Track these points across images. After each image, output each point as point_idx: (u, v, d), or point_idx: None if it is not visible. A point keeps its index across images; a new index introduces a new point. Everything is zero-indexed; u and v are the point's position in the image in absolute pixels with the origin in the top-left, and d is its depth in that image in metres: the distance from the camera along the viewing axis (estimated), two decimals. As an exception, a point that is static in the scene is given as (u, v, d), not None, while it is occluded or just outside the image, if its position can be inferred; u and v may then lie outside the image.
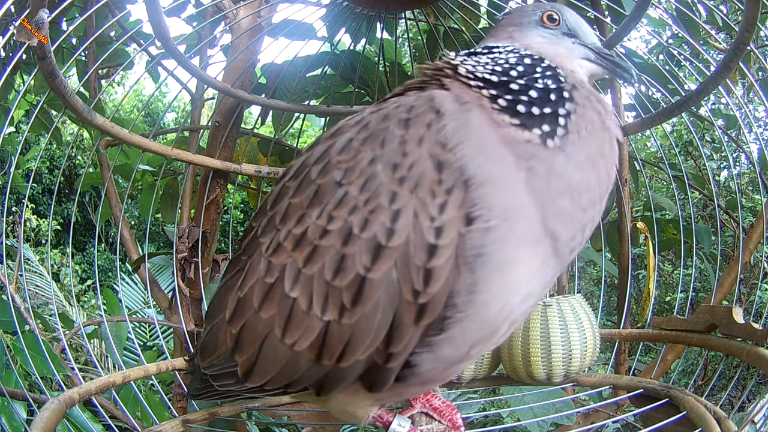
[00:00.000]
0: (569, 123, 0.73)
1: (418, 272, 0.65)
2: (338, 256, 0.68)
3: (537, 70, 0.77)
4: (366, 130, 0.72)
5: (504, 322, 0.71)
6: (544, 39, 0.84)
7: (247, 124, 2.90)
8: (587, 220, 0.73)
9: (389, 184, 0.67)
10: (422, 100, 0.73)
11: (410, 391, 0.79)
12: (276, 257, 0.73)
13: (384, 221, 0.66)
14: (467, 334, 0.69)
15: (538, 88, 0.75)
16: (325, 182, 0.71)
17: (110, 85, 4.95)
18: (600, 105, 0.77)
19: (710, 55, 1.87)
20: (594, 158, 0.74)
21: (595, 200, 0.74)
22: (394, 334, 0.67)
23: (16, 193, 4.88)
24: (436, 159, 0.67)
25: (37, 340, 1.30)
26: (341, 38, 1.88)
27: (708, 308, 1.26)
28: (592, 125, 0.74)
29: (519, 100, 0.73)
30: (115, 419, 1.62)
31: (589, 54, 0.84)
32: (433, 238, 0.65)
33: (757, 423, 0.94)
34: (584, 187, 0.72)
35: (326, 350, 0.70)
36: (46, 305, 3.84)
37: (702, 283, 4.07)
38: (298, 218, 0.72)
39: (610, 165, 0.76)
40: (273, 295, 0.73)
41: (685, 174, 1.89)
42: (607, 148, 0.75)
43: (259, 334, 0.74)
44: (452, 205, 0.65)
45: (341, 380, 0.72)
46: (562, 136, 0.72)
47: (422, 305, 0.66)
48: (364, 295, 0.66)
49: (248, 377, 0.76)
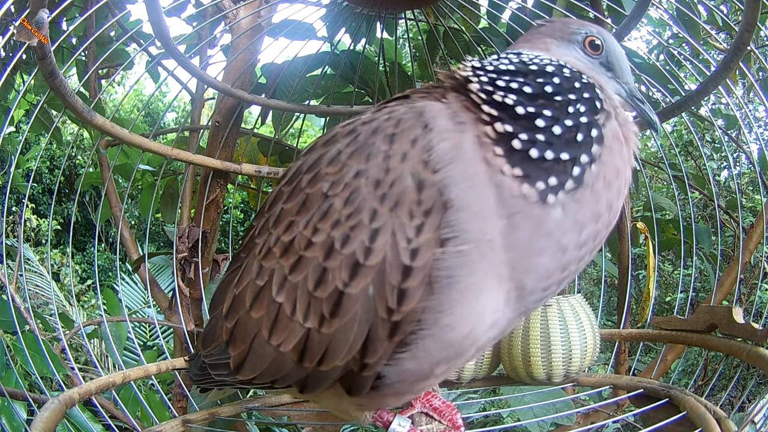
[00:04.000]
0: (586, 174, 0.66)
1: (393, 291, 0.66)
2: (320, 268, 0.69)
3: (575, 85, 0.70)
4: (355, 143, 0.71)
5: (470, 347, 0.72)
6: (581, 64, 0.77)
7: (247, 124, 2.90)
8: (567, 274, 0.70)
9: (371, 201, 0.67)
10: (412, 113, 0.70)
11: (387, 400, 0.80)
12: (266, 261, 0.76)
13: (363, 239, 0.67)
14: (430, 352, 0.69)
15: (569, 115, 0.67)
16: (313, 192, 0.72)
17: (110, 85, 4.95)
18: (629, 131, 0.72)
19: (710, 55, 1.87)
20: (600, 212, 0.68)
21: (583, 256, 0.70)
22: (368, 346, 0.69)
23: (16, 193, 4.88)
24: (417, 178, 0.65)
25: (37, 340, 1.30)
26: (341, 38, 1.88)
27: (708, 308, 1.26)
28: (615, 172, 0.68)
29: (534, 141, 0.66)
30: (115, 419, 1.62)
31: (621, 91, 0.79)
32: (408, 259, 0.65)
33: (757, 423, 0.94)
34: (574, 245, 0.68)
35: (308, 354, 0.72)
36: (46, 305, 3.84)
37: (702, 283, 4.07)
38: (287, 225, 0.74)
39: (617, 203, 0.70)
40: (262, 297, 0.75)
41: (685, 174, 1.89)
42: (622, 188, 0.70)
43: (250, 332, 0.77)
44: (429, 227, 0.65)
45: (322, 381, 0.74)
46: (570, 190, 0.66)
47: (395, 322, 0.67)
48: (342, 308, 0.68)
49: (239, 370, 0.79)
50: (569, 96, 0.69)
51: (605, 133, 0.69)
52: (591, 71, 0.77)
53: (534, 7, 1.79)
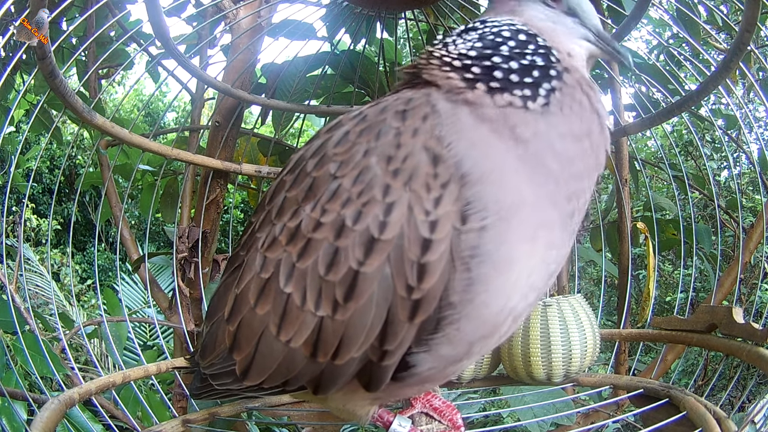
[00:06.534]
0: (552, 97, 0.70)
1: (412, 267, 0.64)
2: (331, 249, 0.67)
3: (529, 47, 0.74)
4: (363, 122, 0.71)
5: (506, 320, 0.70)
6: (543, 16, 0.80)
7: (247, 124, 2.90)
8: (576, 189, 0.71)
9: (383, 177, 0.66)
10: (420, 93, 0.72)
11: (408, 391, 0.78)
12: (271, 252, 0.72)
13: (377, 214, 0.65)
14: (466, 332, 0.67)
15: (522, 63, 0.72)
16: (320, 175, 0.70)
17: (110, 85, 4.95)
18: (591, 90, 0.74)
19: (710, 55, 1.87)
20: (578, 135, 0.71)
21: (580, 174, 0.71)
22: (388, 330, 0.66)
23: (17, 193, 4.88)
24: (432, 152, 0.65)
25: (37, 340, 1.30)
26: (341, 38, 1.88)
27: (708, 308, 1.26)
28: (579, 106, 0.72)
29: (497, 66, 0.71)
30: (115, 419, 1.62)
31: (589, 35, 0.81)
32: (427, 232, 0.63)
33: (757, 423, 0.94)
34: (566, 158, 0.70)
35: (321, 347, 0.68)
36: (46, 305, 3.84)
37: (702, 283, 4.07)
38: (293, 212, 0.71)
39: (599, 148, 0.73)
40: (268, 290, 0.72)
41: (685, 174, 1.89)
42: (596, 129, 0.73)
43: (255, 331, 0.73)
44: (448, 199, 0.64)
45: (337, 378, 0.70)
46: (543, 105, 0.70)
47: (416, 301, 0.64)
48: (357, 289, 0.65)
49: (246, 376, 0.75)
50: (525, 51, 0.73)
51: (564, 76, 0.73)
52: (556, 23, 0.79)
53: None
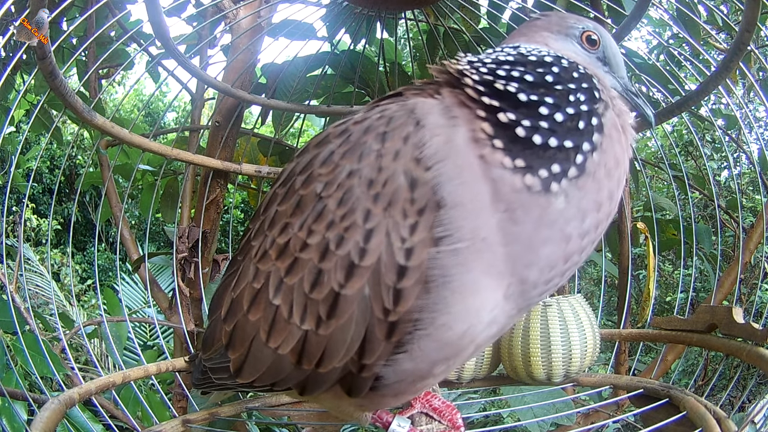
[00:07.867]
0: (588, 162, 0.67)
1: (389, 292, 0.66)
2: (315, 270, 0.69)
3: (574, 75, 0.70)
4: (347, 143, 0.71)
5: (468, 345, 0.71)
6: (578, 57, 0.78)
7: (247, 124, 2.90)
8: (570, 265, 0.70)
9: (364, 201, 0.67)
10: (403, 110, 0.70)
11: (387, 401, 0.80)
12: (263, 264, 0.76)
13: (358, 240, 0.66)
14: (428, 352, 0.69)
15: (570, 103, 0.67)
16: (306, 193, 0.72)
17: (110, 85, 4.95)
18: (626, 122, 0.72)
19: (710, 55, 1.87)
20: (601, 201, 0.68)
21: (585, 246, 0.69)
22: (366, 347, 0.68)
23: (17, 193, 4.88)
24: (410, 176, 0.65)
25: (37, 340, 1.30)
26: (341, 38, 1.88)
27: (708, 308, 1.26)
28: (615, 161, 0.69)
29: (538, 128, 0.66)
30: (115, 419, 1.62)
31: (617, 85, 0.80)
32: (403, 259, 0.65)
33: (757, 423, 0.94)
34: (577, 234, 0.67)
35: (306, 356, 0.72)
36: (46, 305, 3.84)
37: (702, 283, 4.07)
38: (282, 227, 0.74)
39: (617, 193, 0.70)
40: (259, 300, 0.75)
41: (685, 174, 1.89)
42: (621, 178, 0.70)
43: (248, 335, 0.77)
44: (423, 226, 0.64)
45: (321, 383, 0.74)
46: (573, 178, 0.66)
47: (392, 323, 0.67)
48: (339, 309, 0.68)
49: (239, 373, 0.79)
50: (569, 85, 0.70)
51: (605, 121, 0.69)
52: (588, 65, 0.77)
53: (534, 7, 1.80)
